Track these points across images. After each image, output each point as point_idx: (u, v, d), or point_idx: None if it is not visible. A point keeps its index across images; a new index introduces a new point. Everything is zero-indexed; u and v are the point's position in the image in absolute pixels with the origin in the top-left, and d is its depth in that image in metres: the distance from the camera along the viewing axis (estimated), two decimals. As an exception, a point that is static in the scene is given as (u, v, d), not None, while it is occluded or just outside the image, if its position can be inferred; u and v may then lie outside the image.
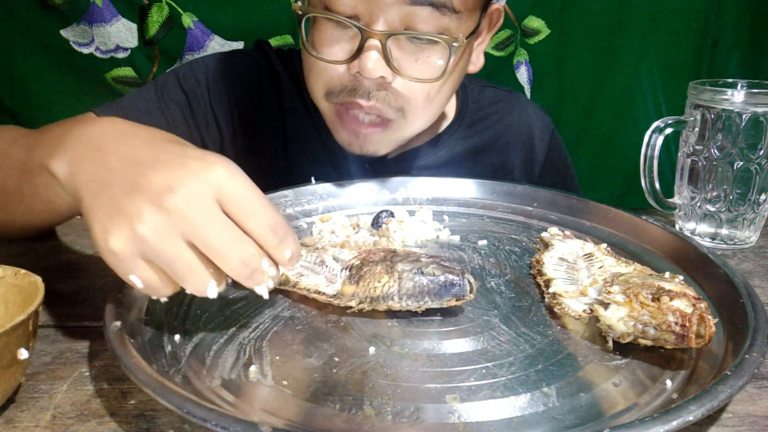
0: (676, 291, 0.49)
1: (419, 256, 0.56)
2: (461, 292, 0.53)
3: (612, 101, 1.33)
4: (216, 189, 0.44)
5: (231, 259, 0.44)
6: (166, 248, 0.43)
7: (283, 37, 1.24)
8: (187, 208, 0.43)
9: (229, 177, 0.45)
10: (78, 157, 0.50)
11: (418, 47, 0.73)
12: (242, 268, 0.44)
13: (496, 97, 1.01)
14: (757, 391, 0.47)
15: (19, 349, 0.42)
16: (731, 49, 1.28)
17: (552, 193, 0.79)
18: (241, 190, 0.45)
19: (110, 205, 0.45)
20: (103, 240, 0.44)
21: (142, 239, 0.43)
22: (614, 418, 0.42)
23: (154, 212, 0.43)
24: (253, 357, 0.49)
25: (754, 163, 0.71)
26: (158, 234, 0.43)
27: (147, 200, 0.44)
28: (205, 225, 0.43)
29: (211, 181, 0.44)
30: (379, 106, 0.75)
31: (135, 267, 0.44)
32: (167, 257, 0.44)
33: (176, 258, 0.44)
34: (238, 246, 0.44)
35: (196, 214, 0.43)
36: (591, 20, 1.26)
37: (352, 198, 0.81)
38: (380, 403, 0.43)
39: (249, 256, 0.45)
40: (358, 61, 0.70)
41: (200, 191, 0.44)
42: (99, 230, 0.45)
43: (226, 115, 0.92)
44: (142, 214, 0.43)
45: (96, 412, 0.44)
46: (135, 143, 0.49)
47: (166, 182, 0.44)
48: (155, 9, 1.19)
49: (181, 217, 0.43)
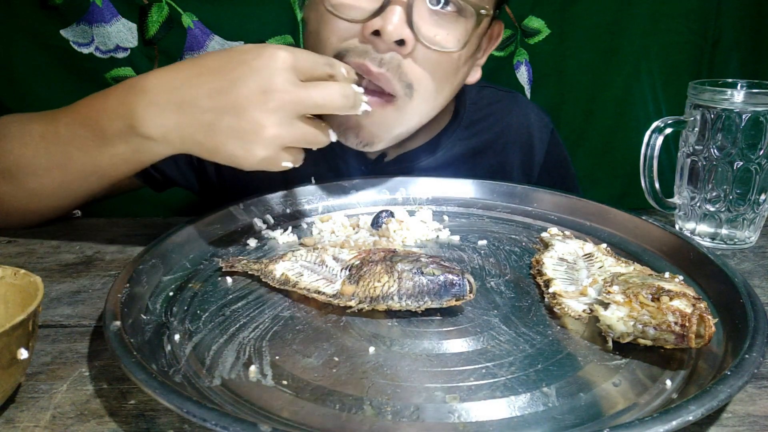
0: (675, 291, 0.49)
1: (419, 256, 0.56)
2: (461, 292, 0.53)
3: (612, 101, 1.33)
4: (288, 69, 0.58)
5: (335, 100, 0.59)
6: (291, 131, 0.59)
7: (283, 37, 1.24)
8: (284, 96, 0.58)
9: (289, 55, 0.59)
10: (165, 114, 0.60)
11: (441, 16, 0.72)
12: (346, 100, 0.60)
13: (495, 98, 1.01)
14: (757, 391, 0.47)
15: (19, 349, 0.42)
16: (731, 49, 1.28)
17: (552, 193, 0.79)
18: (302, 60, 0.60)
19: (231, 132, 0.58)
20: (251, 156, 0.59)
21: (273, 137, 0.58)
22: (614, 418, 0.42)
23: (268, 115, 0.57)
24: (252, 357, 0.49)
25: (754, 163, 0.71)
26: (281, 127, 0.58)
27: (256, 110, 0.57)
28: (304, 95, 0.58)
29: (280, 66, 0.58)
30: (389, 75, 0.71)
31: (282, 156, 0.60)
32: (296, 138, 0.60)
33: (300, 134, 0.60)
34: (329, 90, 0.60)
35: (292, 95, 0.58)
36: (591, 20, 1.26)
37: (352, 198, 0.81)
38: (380, 403, 0.43)
39: (340, 89, 0.60)
40: (380, 18, 0.68)
41: (282, 77, 0.58)
42: (241, 153, 0.59)
43: None
44: (261, 122, 0.57)
45: (96, 412, 0.44)
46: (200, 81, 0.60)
47: (256, 89, 0.57)
48: (155, 9, 1.19)
49: (287, 104, 0.58)
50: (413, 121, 0.79)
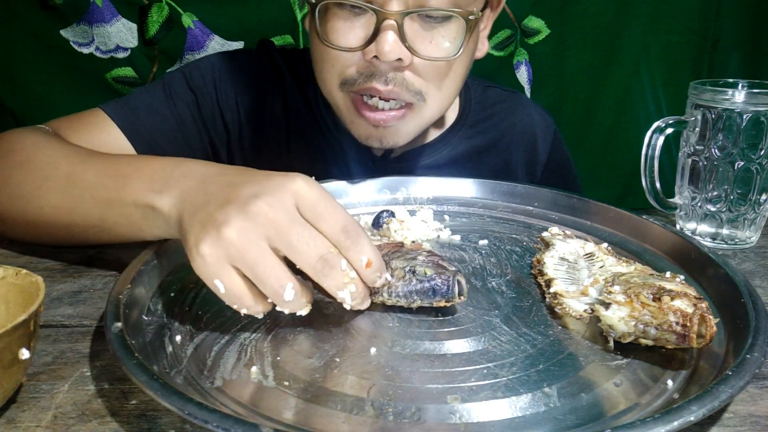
0: (677, 291, 0.49)
1: (419, 254, 0.56)
2: (449, 295, 0.53)
3: (612, 101, 1.33)
4: (295, 195, 0.48)
5: (309, 256, 0.47)
6: (250, 249, 0.46)
7: (283, 37, 1.24)
8: (269, 210, 0.47)
9: (306, 185, 0.49)
10: (185, 191, 0.53)
11: (432, 26, 0.73)
12: (320, 263, 0.47)
13: (499, 98, 1.01)
14: (759, 391, 0.47)
15: (21, 349, 0.42)
16: (731, 49, 1.28)
17: (553, 192, 0.79)
18: (315, 195, 0.49)
19: (204, 218, 0.49)
20: (195, 247, 0.48)
21: (228, 241, 0.46)
22: (615, 419, 0.42)
23: (241, 217, 0.47)
24: (254, 358, 0.49)
25: (755, 163, 0.71)
26: (242, 235, 0.46)
27: (234, 208, 0.48)
28: (285, 225, 0.47)
29: (291, 188, 0.48)
30: (397, 90, 0.75)
31: (221, 271, 0.47)
32: (250, 258, 0.46)
33: (259, 259, 0.46)
34: (316, 241, 0.47)
35: (277, 215, 0.47)
36: (591, 20, 1.26)
37: (353, 198, 0.81)
38: (381, 404, 0.43)
39: (327, 253, 0.47)
40: (375, 44, 0.70)
41: (280, 196, 0.48)
42: (192, 240, 0.48)
43: (233, 113, 0.92)
44: (229, 219, 0.47)
45: (97, 412, 0.44)
46: (233, 173, 0.53)
47: (252, 192, 0.48)
48: (155, 9, 1.20)
49: (264, 220, 0.47)
50: (434, 111, 0.82)
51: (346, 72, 0.76)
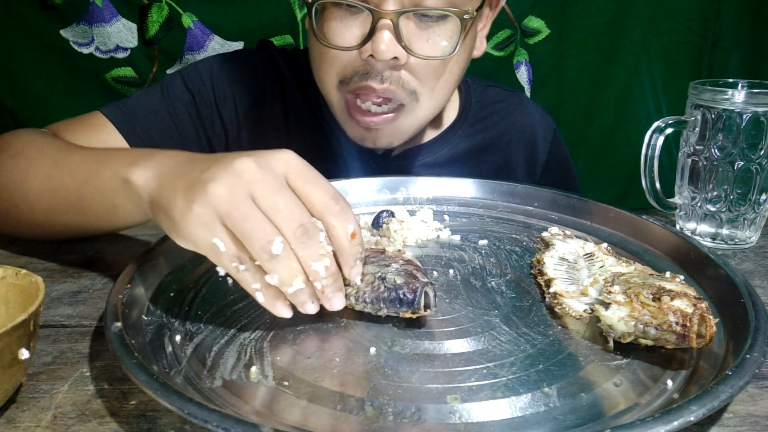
0: (676, 291, 0.49)
1: (395, 261, 0.56)
2: (415, 306, 0.51)
3: (612, 101, 1.33)
4: (284, 164, 0.48)
5: (291, 221, 0.46)
6: (237, 204, 0.46)
7: (282, 37, 1.24)
8: (258, 170, 0.47)
9: (296, 158, 0.49)
10: (164, 166, 0.53)
11: (428, 25, 0.74)
12: (300, 230, 0.47)
13: (499, 97, 1.02)
14: (758, 391, 0.47)
15: (20, 349, 0.42)
16: (731, 50, 1.28)
17: (552, 192, 0.79)
18: (306, 165, 0.49)
19: (188, 182, 0.48)
20: (187, 210, 0.47)
21: (216, 197, 0.46)
22: (615, 418, 0.42)
23: (227, 173, 0.47)
24: (254, 358, 0.49)
25: (755, 163, 0.71)
26: (230, 189, 0.46)
27: (220, 166, 0.47)
28: (273, 187, 0.47)
29: (280, 157, 0.49)
30: (392, 88, 0.76)
31: (216, 230, 0.46)
32: (239, 214, 0.46)
33: (248, 213, 0.46)
34: (301, 210, 0.47)
35: (265, 176, 0.47)
36: (591, 20, 1.27)
37: (353, 198, 0.81)
38: (381, 404, 0.43)
39: (308, 222, 0.47)
40: (371, 43, 0.71)
41: (270, 162, 0.48)
42: (181, 204, 0.47)
43: (231, 113, 0.92)
44: (215, 176, 0.47)
45: (97, 412, 0.44)
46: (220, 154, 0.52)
47: (240, 155, 0.48)
48: (155, 9, 1.20)
49: (251, 177, 0.47)
50: (427, 112, 0.82)
51: (344, 71, 0.76)
